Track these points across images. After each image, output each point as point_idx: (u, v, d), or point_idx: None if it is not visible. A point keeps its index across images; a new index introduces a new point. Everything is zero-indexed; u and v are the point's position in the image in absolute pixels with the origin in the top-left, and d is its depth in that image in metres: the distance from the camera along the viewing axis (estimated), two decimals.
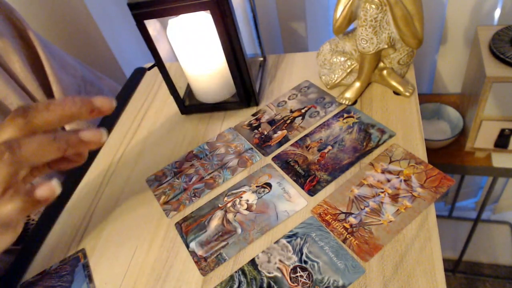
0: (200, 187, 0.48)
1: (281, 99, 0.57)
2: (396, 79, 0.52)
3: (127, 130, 0.60)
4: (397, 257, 0.36)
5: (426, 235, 0.37)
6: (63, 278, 0.43)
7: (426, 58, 0.95)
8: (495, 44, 0.76)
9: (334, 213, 0.41)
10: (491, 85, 0.74)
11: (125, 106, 0.65)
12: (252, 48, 0.64)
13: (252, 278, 0.38)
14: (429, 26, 0.86)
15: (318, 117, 0.53)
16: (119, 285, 0.41)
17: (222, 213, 0.44)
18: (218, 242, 0.42)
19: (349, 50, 0.54)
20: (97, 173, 0.55)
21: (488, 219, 1.36)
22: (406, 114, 0.49)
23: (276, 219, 0.42)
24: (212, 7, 0.44)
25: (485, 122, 0.82)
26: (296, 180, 0.46)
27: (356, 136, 0.48)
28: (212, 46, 0.51)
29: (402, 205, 0.40)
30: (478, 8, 0.84)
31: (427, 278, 0.34)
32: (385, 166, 0.44)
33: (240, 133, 0.54)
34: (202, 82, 0.55)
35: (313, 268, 0.37)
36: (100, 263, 0.44)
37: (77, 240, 0.47)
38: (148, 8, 0.45)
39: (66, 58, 0.64)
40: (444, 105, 0.97)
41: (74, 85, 0.62)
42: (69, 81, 0.61)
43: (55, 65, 0.59)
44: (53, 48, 0.62)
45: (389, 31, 0.47)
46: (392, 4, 0.44)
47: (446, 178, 0.42)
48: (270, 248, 0.40)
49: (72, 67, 0.64)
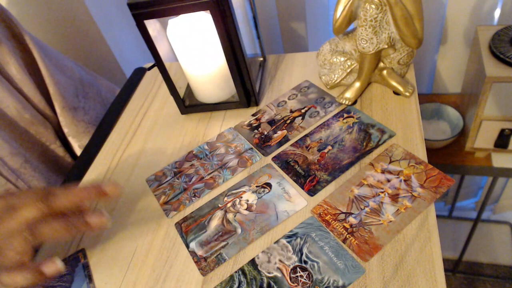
0: (200, 187, 0.48)
1: (281, 99, 0.57)
2: (396, 79, 0.52)
3: (127, 130, 0.60)
4: (397, 257, 0.36)
5: (426, 235, 0.37)
6: (63, 278, 0.43)
7: (426, 58, 0.95)
8: (495, 44, 0.76)
9: (334, 213, 0.41)
10: (491, 85, 0.74)
11: (125, 106, 0.65)
12: (252, 48, 0.64)
13: (252, 278, 0.38)
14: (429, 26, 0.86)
15: (318, 117, 0.53)
16: (119, 285, 0.41)
17: (222, 213, 0.44)
18: (218, 242, 0.42)
19: (349, 50, 0.54)
20: (97, 173, 0.55)
21: (488, 219, 1.36)
22: (406, 114, 0.49)
23: (276, 219, 0.42)
24: (212, 7, 0.44)
25: (485, 122, 0.82)
26: (296, 180, 0.46)
27: (356, 136, 0.48)
28: (212, 46, 0.51)
29: (402, 205, 0.40)
30: (478, 8, 0.84)
31: (427, 278, 0.34)
32: (385, 166, 0.44)
33: (240, 133, 0.54)
34: (202, 82, 0.55)
35: (313, 268, 0.37)
36: (100, 263, 0.44)
37: (77, 240, 0.47)
38: (148, 8, 0.45)
39: (63, 60, 0.64)
40: (444, 105, 0.97)
41: (72, 86, 0.61)
42: (66, 82, 0.60)
43: (52, 67, 0.59)
44: (49, 50, 0.62)
45: (389, 31, 0.47)
46: (392, 4, 0.44)
47: (446, 178, 0.42)
48: (270, 248, 0.40)
49: (69, 68, 0.63)
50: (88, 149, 0.58)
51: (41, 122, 0.57)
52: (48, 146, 0.59)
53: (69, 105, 0.59)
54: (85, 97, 0.63)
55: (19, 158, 0.53)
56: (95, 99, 0.66)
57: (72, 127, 0.60)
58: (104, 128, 0.61)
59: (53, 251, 0.46)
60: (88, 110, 0.63)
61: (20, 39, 0.57)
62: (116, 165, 0.55)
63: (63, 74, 0.61)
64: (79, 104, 0.61)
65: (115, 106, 0.64)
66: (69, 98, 0.60)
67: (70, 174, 0.55)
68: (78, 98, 0.62)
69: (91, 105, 0.64)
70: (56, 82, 0.58)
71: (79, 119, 0.61)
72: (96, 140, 0.59)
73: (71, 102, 0.60)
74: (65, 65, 0.63)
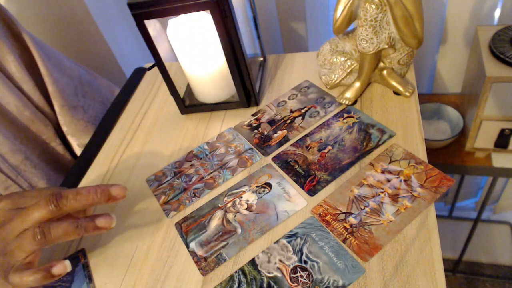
0: (200, 187, 0.48)
1: (281, 99, 0.57)
2: (396, 79, 0.52)
3: (127, 130, 0.60)
4: (397, 257, 0.36)
5: (426, 235, 0.37)
6: (63, 278, 0.43)
7: (426, 58, 0.95)
8: (495, 44, 0.76)
9: (334, 213, 0.41)
10: (491, 85, 0.74)
11: (125, 106, 0.65)
12: (252, 48, 0.64)
13: (252, 278, 0.38)
14: (429, 26, 0.86)
15: (318, 117, 0.53)
16: (119, 285, 0.41)
17: (222, 213, 0.44)
18: (218, 242, 0.42)
19: (349, 50, 0.54)
20: (97, 173, 0.55)
21: (488, 219, 1.36)
22: (406, 114, 0.49)
23: (276, 219, 0.42)
24: (212, 7, 0.44)
25: (485, 122, 0.82)
26: (296, 180, 0.46)
27: (356, 136, 0.48)
28: (212, 46, 0.51)
29: (402, 205, 0.40)
30: (478, 8, 0.84)
31: (427, 278, 0.34)
32: (385, 166, 0.44)
33: (240, 133, 0.54)
34: (202, 82, 0.55)
35: (313, 268, 0.37)
36: (100, 263, 0.44)
37: (77, 240, 0.47)
38: (148, 8, 0.45)
39: (62, 59, 0.63)
40: (444, 105, 0.97)
41: (71, 85, 0.61)
42: (65, 81, 0.60)
43: (51, 65, 0.59)
44: (48, 49, 0.62)
45: (389, 31, 0.47)
46: (392, 4, 0.44)
47: (446, 178, 0.42)
48: (270, 248, 0.40)
49: (68, 67, 0.63)
50: (88, 148, 0.58)
51: (41, 120, 0.57)
52: (48, 144, 0.59)
53: (68, 104, 0.59)
54: (84, 96, 0.63)
55: (19, 155, 0.53)
56: (94, 98, 0.66)
57: (71, 126, 0.60)
58: (104, 128, 0.61)
59: (53, 251, 0.46)
60: (88, 109, 0.63)
61: (19, 38, 0.57)
62: (116, 165, 0.55)
63: (62, 73, 0.61)
64: (78, 103, 0.61)
65: (115, 106, 0.65)
66: (68, 97, 0.60)
67: (71, 173, 0.55)
68: (78, 97, 0.62)
69: (91, 104, 0.64)
70: (55, 81, 0.58)
71: (78, 117, 0.61)
72: (96, 140, 0.59)
73: (71, 101, 0.60)
74: (64, 64, 0.63)
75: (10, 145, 0.52)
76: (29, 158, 0.54)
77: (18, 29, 0.56)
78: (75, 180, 0.54)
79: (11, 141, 0.52)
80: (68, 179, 0.54)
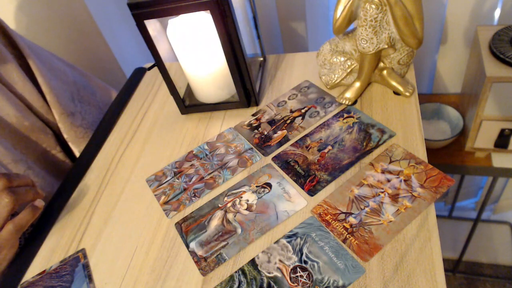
0: (200, 187, 0.48)
1: (281, 99, 0.57)
2: (396, 79, 0.52)
3: (127, 130, 0.60)
4: (397, 257, 0.36)
5: (426, 235, 0.37)
6: (63, 278, 0.43)
7: (426, 58, 0.95)
8: (495, 44, 0.76)
9: (334, 213, 0.41)
10: (491, 85, 0.74)
11: (125, 106, 0.65)
12: (252, 48, 0.64)
13: (252, 278, 0.38)
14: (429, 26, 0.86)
15: (318, 117, 0.53)
16: (119, 285, 0.41)
17: (222, 213, 0.44)
18: (218, 242, 0.42)
19: (349, 50, 0.54)
20: (97, 173, 0.55)
21: (488, 219, 1.36)
22: (406, 114, 0.49)
23: (276, 219, 0.42)
24: (212, 7, 0.44)
25: (485, 122, 0.81)
26: (296, 180, 0.46)
27: (356, 136, 0.48)
28: (212, 46, 0.51)
29: (402, 205, 0.40)
30: (478, 8, 0.84)
31: (427, 278, 0.34)
32: (385, 166, 0.44)
33: (240, 133, 0.54)
34: (202, 82, 0.55)
35: (313, 268, 0.37)
36: (100, 263, 0.44)
37: (77, 240, 0.47)
38: (148, 8, 0.45)
39: (56, 63, 0.63)
40: (444, 105, 0.97)
41: (67, 91, 0.61)
42: (61, 88, 0.60)
43: (46, 72, 0.58)
44: (41, 51, 0.61)
45: (389, 31, 0.47)
46: (392, 4, 0.44)
47: (446, 178, 0.41)
48: (270, 248, 0.40)
49: (63, 72, 0.63)
50: (88, 149, 0.58)
51: (41, 129, 0.57)
52: (48, 151, 0.58)
53: (66, 111, 0.59)
54: (80, 101, 0.63)
55: (21, 165, 0.53)
56: (90, 102, 0.65)
57: (71, 133, 0.60)
58: (103, 128, 0.61)
59: (53, 251, 0.46)
60: (85, 115, 0.62)
61: (14, 45, 0.56)
62: (116, 165, 0.55)
63: (57, 78, 0.60)
64: (75, 108, 0.61)
65: (115, 106, 0.64)
66: (66, 103, 0.59)
67: (70, 173, 0.55)
68: (74, 102, 0.61)
69: (87, 109, 0.64)
70: (52, 89, 0.57)
71: (77, 124, 0.60)
72: (96, 140, 0.59)
73: (68, 108, 0.59)
74: (58, 68, 0.62)
75: (12, 155, 0.52)
76: (31, 168, 0.54)
77: (12, 36, 0.55)
78: (75, 180, 0.54)
79: (13, 152, 0.52)
80: (68, 179, 0.54)
